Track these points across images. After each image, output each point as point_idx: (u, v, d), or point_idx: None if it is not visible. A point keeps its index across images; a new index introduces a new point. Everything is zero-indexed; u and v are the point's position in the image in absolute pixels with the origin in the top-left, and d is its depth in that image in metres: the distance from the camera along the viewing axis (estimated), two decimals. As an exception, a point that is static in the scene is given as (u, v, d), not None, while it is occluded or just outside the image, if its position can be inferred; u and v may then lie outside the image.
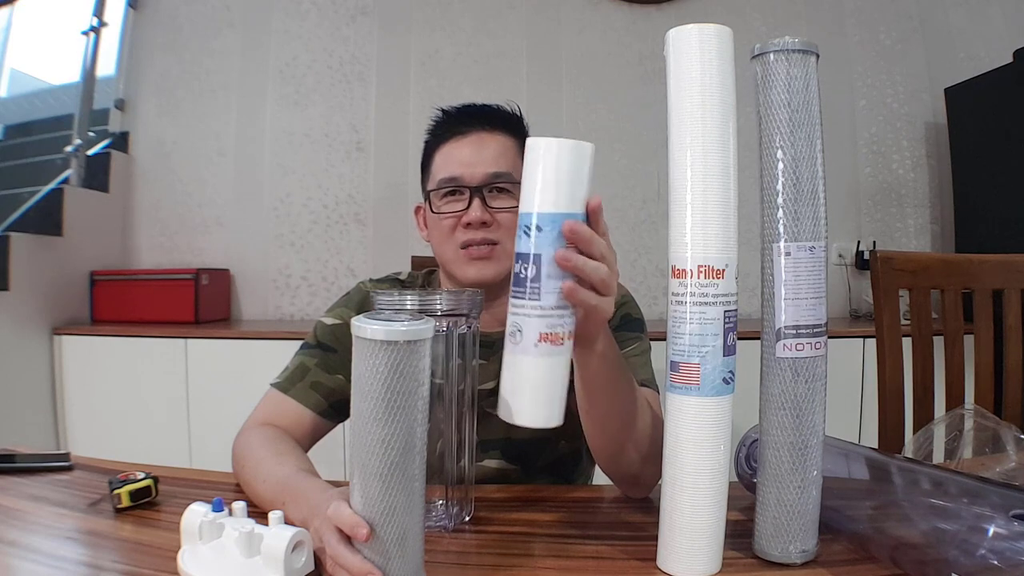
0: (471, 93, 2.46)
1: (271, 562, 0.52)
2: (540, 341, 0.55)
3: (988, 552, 0.48)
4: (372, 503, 0.50)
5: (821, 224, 0.57)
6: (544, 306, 0.55)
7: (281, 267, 2.49)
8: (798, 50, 0.57)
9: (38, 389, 2.05)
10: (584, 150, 0.55)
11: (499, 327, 0.93)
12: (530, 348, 0.55)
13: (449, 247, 0.88)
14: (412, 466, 0.50)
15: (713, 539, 0.57)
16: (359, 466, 0.50)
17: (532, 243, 0.55)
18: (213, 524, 0.55)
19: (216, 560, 0.54)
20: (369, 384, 0.49)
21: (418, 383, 0.50)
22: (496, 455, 0.91)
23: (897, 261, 1.19)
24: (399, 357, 0.48)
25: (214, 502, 0.56)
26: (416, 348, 0.49)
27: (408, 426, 0.49)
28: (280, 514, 0.55)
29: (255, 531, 0.54)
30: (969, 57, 2.45)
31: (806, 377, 0.57)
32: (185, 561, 0.54)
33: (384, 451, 0.49)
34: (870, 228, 2.49)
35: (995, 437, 0.80)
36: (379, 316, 0.51)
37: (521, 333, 0.55)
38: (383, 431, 0.49)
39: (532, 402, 0.56)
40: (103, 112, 2.54)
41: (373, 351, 0.48)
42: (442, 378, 0.67)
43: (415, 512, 0.51)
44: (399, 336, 0.48)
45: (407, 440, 0.49)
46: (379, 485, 0.49)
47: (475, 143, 0.88)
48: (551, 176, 0.55)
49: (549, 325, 0.55)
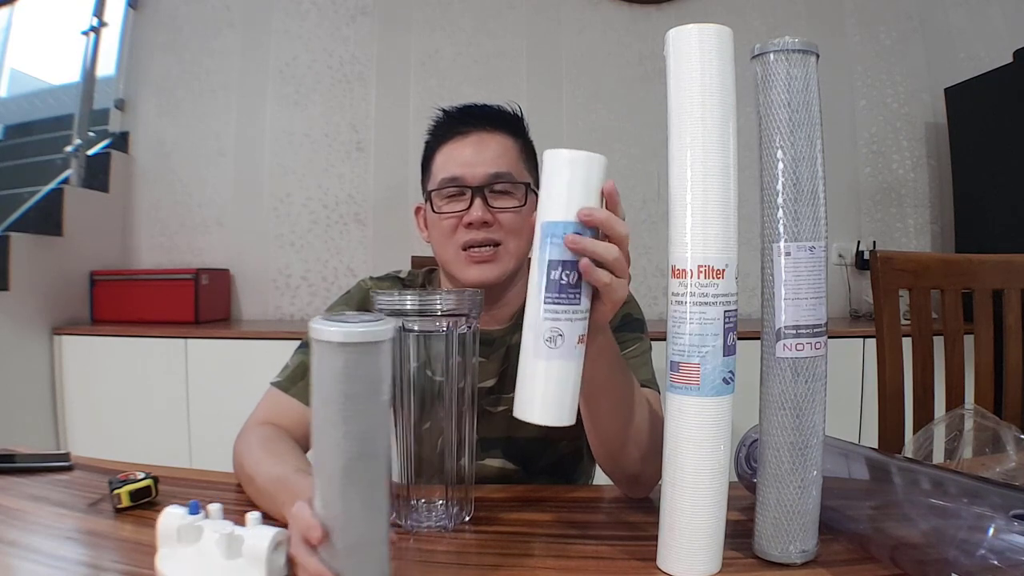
0: (471, 93, 2.46)
1: (253, 562, 0.51)
2: (579, 343, 0.57)
3: (988, 552, 0.48)
4: (329, 508, 0.49)
5: (821, 224, 0.57)
6: (583, 309, 0.57)
7: (281, 267, 2.49)
8: (798, 50, 0.57)
9: (38, 389, 2.05)
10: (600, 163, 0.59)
11: (498, 325, 0.93)
12: (572, 351, 0.57)
13: (450, 247, 0.87)
14: (371, 471, 0.49)
15: (713, 539, 0.57)
16: (316, 470, 0.49)
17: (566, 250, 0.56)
18: (191, 527, 0.55)
19: (196, 563, 0.53)
20: (323, 386, 0.47)
21: (376, 386, 0.48)
22: (497, 454, 0.91)
23: (897, 261, 1.19)
24: (354, 359, 0.47)
25: (190, 505, 0.55)
26: (373, 350, 0.47)
27: (365, 430, 0.48)
28: (258, 515, 0.54)
29: (235, 532, 0.53)
30: (969, 57, 2.44)
31: (806, 377, 0.57)
32: (164, 565, 0.54)
33: (338, 455, 0.47)
34: (870, 228, 2.49)
35: (995, 437, 0.80)
36: (337, 317, 0.49)
37: (563, 338, 0.57)
38: (337, 434, 0.47)
39: (572, 402, 0.57)
40: (103, 112, 2.54)
41: (327, 353, 0.47)
42: (442, 376, 0.67)
43: (376, 519, 0.50)
44: (352, 338, 0.46)
45: (364, 444, 0.48)
46: (335, 490, 0.48)
47: (476, 143, 0.88)
48: (580, 187, 0.57)
49: (584, 327, 0.58)
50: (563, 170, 0.57)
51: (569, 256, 0.56)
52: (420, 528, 0.67)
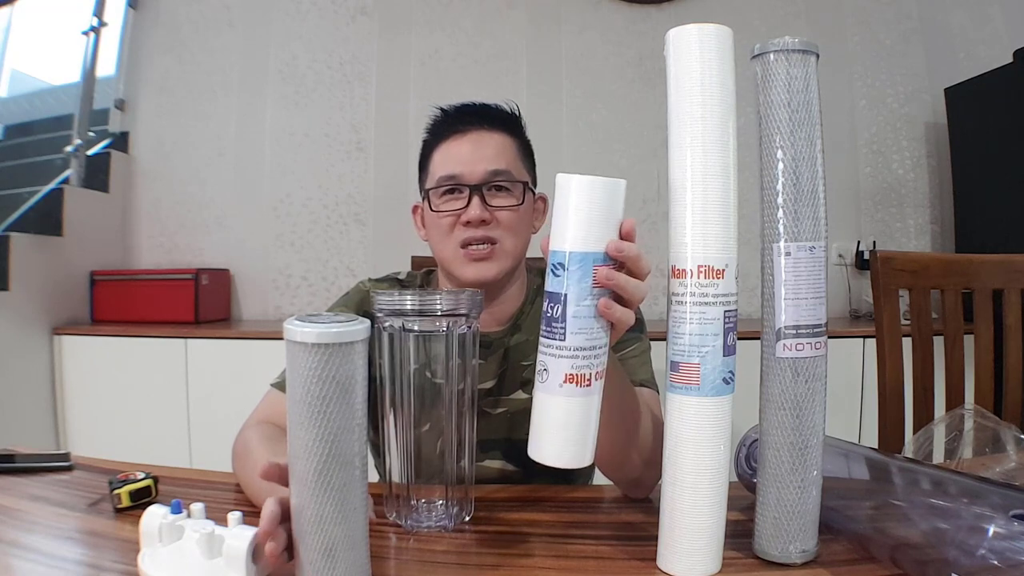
0: (471, 93, 2.45)
1: (233, 562, 0.51)
2: (565, 382, 0.55)
3: (988, 552, 0.48)
4: (301, 510, 0.48)
5: (821, 224, 0.57)
6: (569, 347, 0.55)
7: (281, 267, 2.49)
8: (798, 50, 0.57)
9: (38, 389, 2.05)
10: (617, 187, 0.55)
11: (498, 327, 0.93)
12: (555, 388, 0.55)
13: (448, 246, 0.87)
14: (344, 475, 0.48)
15: (713, 539, 0.57)
16: (291, 472, 0.49)
17: (559, 282, 0.55)
18: (172, 526, 0.55)
19: (177, 562, 0.53)
20: (296, 388, 0.47)
21: (349, 387, 0.47)
22: (497, 456, 0.91)
23: (897, 261, 1.19)
24: (323, 360, 0.46)
25: (172, 504, 0.55)
26: (345, 351, 0.47)
27: (337, 432, 0.47)
28: (239, 515, 0.53)
29: (216, 532, 0.53)
30: (969, 57, 2.44)
31: (806, 377, 0.57)
32: (146, 564, 0.54)
33: (309, 457, 0.47)
34: (870, 228, 2.49)
35: (995, 437, 0.80)
36: (310, 317, 0.49)
37: (548, 372, 0.55)
38: (309, 436, 0.47)
39: (562, 441, 0.56)
40: (103, 112, 2.54)
41: (299, 353, 0.47)
42: (442, 378, 0.67)
43: (350, 524, 0.49)
44: (324, 338, 0.46)
45: (335, 447, 0.47)
46: (307, 492, 0.48)
47: (474, 141, 0.87)
48: (583, 214, 0.54)
49: (575, 366, 0.55)
50: (562, 195, 0.55)
51: (554, 288, 0.55)
52: (420, 528, 0.67)
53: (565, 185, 0.55)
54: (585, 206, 0.54)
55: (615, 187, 0.55)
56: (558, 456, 0.56)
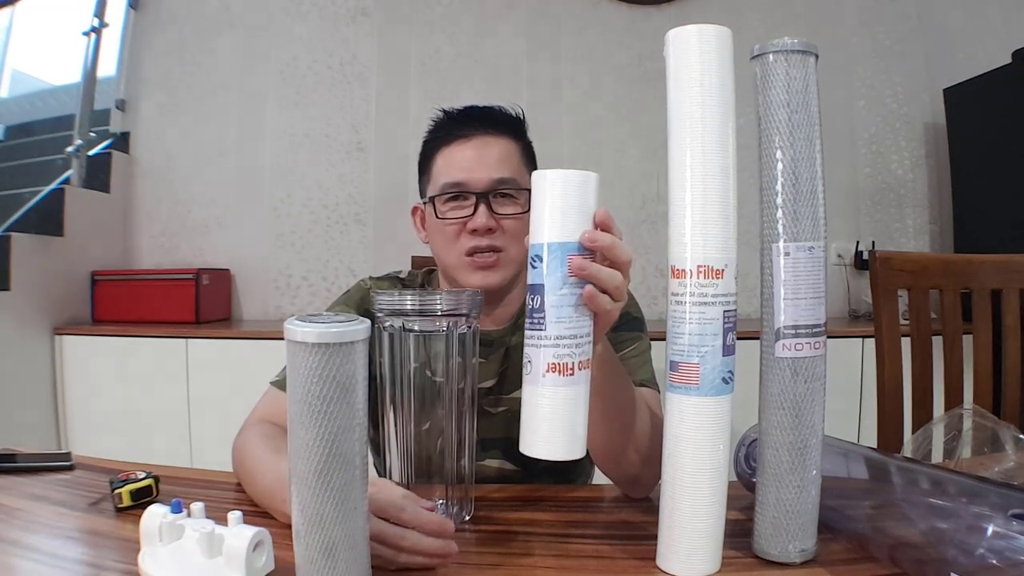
0: (471, 93, 2.46)
1: (232, 562, 0.51)
2: (548, 371, 0.56)
3: (987, 551, 0.48)
4: (302, 510, 0.48)
5: (820, 224, 0.57)
6: (550, 335, 0.56)
7: (281, 267, 2.49)
8: (797, 51, 0.57)
9: (39, 389, 2.05)
10: (588, 180, 0.57)
11: (497, 326, 0.93)
12: (539, 379, 0.56)
13: (453, 253, 0.87)
14: (345, 474, 0.48)
15: (713, 538, 0.57)
16: (291, 471, 0.49)
17: (538, 273, 0.56)
18: (172, 525, 0.55)
19: (177, 561, 0.53)
20: (296, 387, 0.47)
21: (349, 387, 0.47)
22: (497, 455, 0.91)
23: (896, 261, 1.19)
24: (324, 360, 0.46)
25: (172, 503, 0.56)
26: (345, 350, 0.47)
27: (338, 432, 0.47)
28: (239, 514, 0.53)
29: (215, 532, 0.53)
30: (968, 57, 2.44)
31: (805, 377, 0.57)
32: (146, 563, 0.54)
33: (309, 456, 0.47)
34: (869, 228, 2.49)
35: (994, 437, 0.80)
36: (310, 317, 0.49)
37: (531, 364, 0.56)
38: (308, 436, 0.47)
39: (548, 432, 0.56)
40: (104, 112, 2.54)
41: (299, 353, 0.47)
42: (442, 376, 0.67)
43: (350, 524, 0.49)
44: (324, 338, 0.46)
45: (336, 446, 0.47)
46: (308, 492, 0.48)
47: (478, 146, 0.87)
48: (557, 207, 0.56)
49: (557, 355, 0.56)
50: (538, 190, 0.57)
51: (533, 280, 0.57)
52: (420, 527, 0.67)
53: (540, 180, 0.57)
54: (559, 199, 0.56)
55: (587, 180, 0.57)
56: (546, 448, 0.57)
